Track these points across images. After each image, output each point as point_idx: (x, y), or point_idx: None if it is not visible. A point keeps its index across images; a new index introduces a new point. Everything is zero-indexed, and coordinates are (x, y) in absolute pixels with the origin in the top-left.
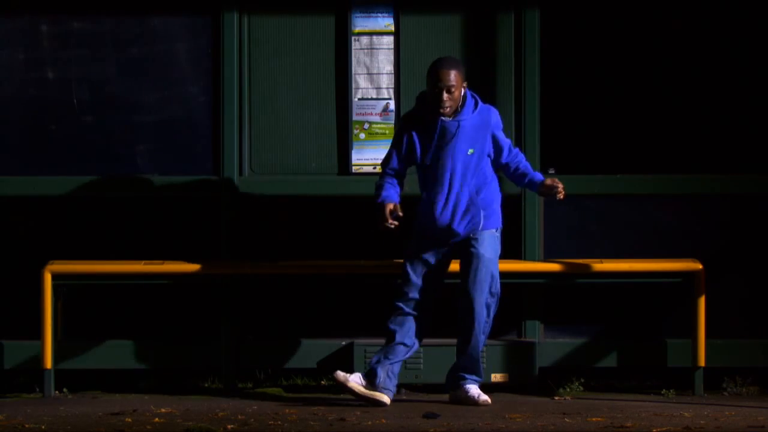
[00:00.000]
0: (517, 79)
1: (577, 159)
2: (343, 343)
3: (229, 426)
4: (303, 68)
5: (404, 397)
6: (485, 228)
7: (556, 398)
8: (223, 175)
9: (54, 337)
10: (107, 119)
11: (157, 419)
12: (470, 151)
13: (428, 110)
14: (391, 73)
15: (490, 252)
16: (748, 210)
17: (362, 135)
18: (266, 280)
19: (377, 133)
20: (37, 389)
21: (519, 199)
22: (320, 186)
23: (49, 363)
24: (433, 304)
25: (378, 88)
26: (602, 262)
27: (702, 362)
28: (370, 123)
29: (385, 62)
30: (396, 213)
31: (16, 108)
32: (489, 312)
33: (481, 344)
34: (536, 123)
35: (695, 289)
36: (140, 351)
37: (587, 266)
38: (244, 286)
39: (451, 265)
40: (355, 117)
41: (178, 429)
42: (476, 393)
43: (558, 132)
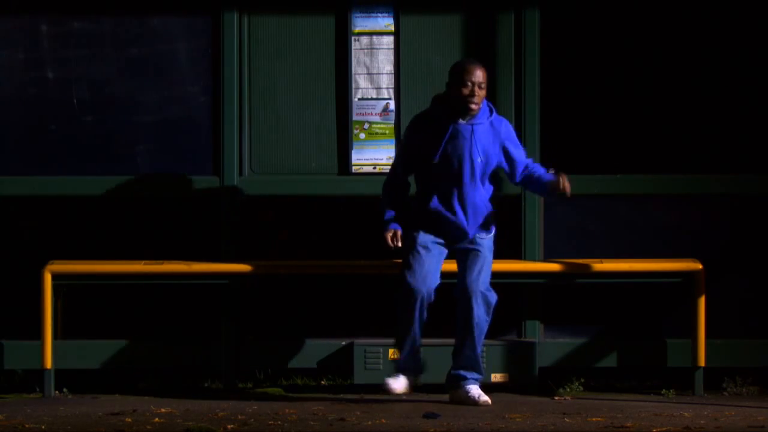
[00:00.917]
0: (517, 79)
1: (577, 159)
2: (343, 343)
3: (229, 426)
4: (303, 68)
5: (404, 397)
6: (488, 232)
7: (556, 398)
8: (223, 175)
9: (54, 337)
10: (107, 119)
11: (157, 419)
12: (480, 159)
13: (443, 112)
14: (391, 73)
15: (490, 254)
16: (748, 210)
17: (362, 135)
18: (266, 280)
19: (377, 133)
20: (37, 389)
21: (519, 200)
22: (320, 186)
23: (49, 363)
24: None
25: (378, 88)
26: (602, 262)
27: (702, 362)
28: (370, 123)
29: (385, 62)
30: (396, 241)
31: (16, 108)
32: (488, 309)
33: (480, 342)
34: (536, 123)
35: (695, 289)
36: (140, 351)
37: (587, 266)
38: (244, 286)
39: (448, 266)
40: (355, 117)
41: (178, 429)
42: (476, 393)
43: (558, 132)
